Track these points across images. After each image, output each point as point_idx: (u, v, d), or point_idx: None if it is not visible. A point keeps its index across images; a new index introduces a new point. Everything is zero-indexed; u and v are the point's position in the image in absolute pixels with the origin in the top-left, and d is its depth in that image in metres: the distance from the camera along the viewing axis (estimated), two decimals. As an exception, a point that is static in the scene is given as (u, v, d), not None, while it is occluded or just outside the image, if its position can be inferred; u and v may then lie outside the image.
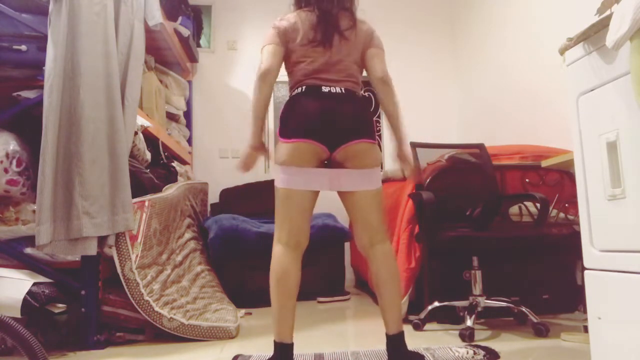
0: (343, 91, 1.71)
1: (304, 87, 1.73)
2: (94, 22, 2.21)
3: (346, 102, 1.70)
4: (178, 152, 3.72)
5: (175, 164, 3.48)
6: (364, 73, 1.84)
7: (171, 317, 2.19)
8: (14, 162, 2.13)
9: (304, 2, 1.85)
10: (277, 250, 1.69)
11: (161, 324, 2.17)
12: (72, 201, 2.08)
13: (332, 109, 1.67)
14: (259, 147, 1.75)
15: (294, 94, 1.75)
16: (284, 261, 1.66)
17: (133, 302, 2.14)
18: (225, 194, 4.19)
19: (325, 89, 1.70)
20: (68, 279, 2.17)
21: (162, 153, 3.25)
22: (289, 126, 1.69)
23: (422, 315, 2.37)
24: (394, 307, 1.69)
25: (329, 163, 1.74)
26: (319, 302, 3.44)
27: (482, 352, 1.84)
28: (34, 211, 2.12)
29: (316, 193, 1.73)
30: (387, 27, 4.83)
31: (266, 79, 1.71)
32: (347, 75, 1.75)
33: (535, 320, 2.21)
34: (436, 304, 2.38)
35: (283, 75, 1.79)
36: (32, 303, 1.95)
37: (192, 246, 3.04)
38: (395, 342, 1.66)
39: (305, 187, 1.68)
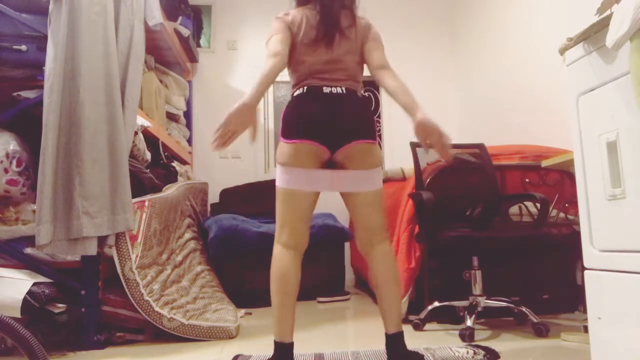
0: (344, 91, 1.71)
1: (305, 88, 1.73)
2: (94, 22, 2.21)
3: (347, 102, 1.70)
4: (178, 152, 3.72)
5: (175, 164, 3.48)
6: (365, 72, 1.84)
7: (171, 317, 2.19)
8: (14, 162, 2.13)
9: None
10: (278, 250, 1.69)
11: (161, 324, 2.17)
12: (72, 201, 2.08)
13: (333, 110, 1.67)
14: (252, 108, 1.58)
15: (295, 94, 1.76)
16: (284, 261, 1.66)
17: (133, 302, 2.14)
18: (225, 194, 4.19)
19: (326, 90, 1.70)
20: (68, 279, 2.17)
21: (162, 153, 3.25)
22: (291, 127, 1.69)
23: (422, 315, 2.37)
24: (394, 307, 1.68)
25: (330, 164, 1.74)
26: (319, 302, 3.44)
27: (482, 352, 1.84)
28: (34, 211, 2.12)
29: (317, 194, 1.74)
30: (387, 27, 4.83)
31: (275, 57, 1.72)
32: (348, 75, 1.76)
33: (535, 320, 2.21)
34: (436, 304, 2.37)
35: (283, 75, 1.79)
36: (32, 303, 1.95)
37: (192, 246, 3.04)
38: (394, 342, 1.66)
39: (307, 187, 1.68)
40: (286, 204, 1.70)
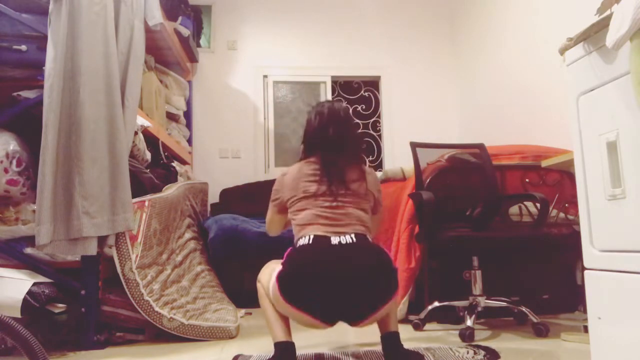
0: (354, 239, 1.58)
1: (311, 237, 1.60)
2: (94, 22, 2.21)
3: (359, 257, 1.57)
4: (178, 152, 3.72)
5: (175, 164, 3.48)
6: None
7: (171, 317, 2.19)
8: (14, 162, 2.13)
9: (310, 151, 1.80)
10: (260, 287, 1.73)
11: (161, 324, 2.17)
12: (72, 201, 2.08)
13: (343, 269, 1.52)
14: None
15: (299, 244, 1.64)
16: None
17: (133, 302, 2.14)
18: (225, 194, 4.19)
19: (334, 240, 1.57)
20: (68, 279, 2.16)
21: (162, 153, 3.25)
22: (292, 289, 1.53)
23: (422, 315, 2.37)
24: (390, 310, 1.69)
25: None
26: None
27: (482, 352, 1.84)
28: (34, 211, 2.12)
29: None
30: (387, 27, 4.84)
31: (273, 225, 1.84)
32: (356, 219, 1.66)
33: (535, 320, 2.21)
34: (436, 304, 2.37)
35: (283, 75, 1.78)
36: (32, 303, 1.95)
37: (192, 246, 3.04)
38: (391, 341, 1.65)
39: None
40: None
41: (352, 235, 1.59)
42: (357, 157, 1.82)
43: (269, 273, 1.66)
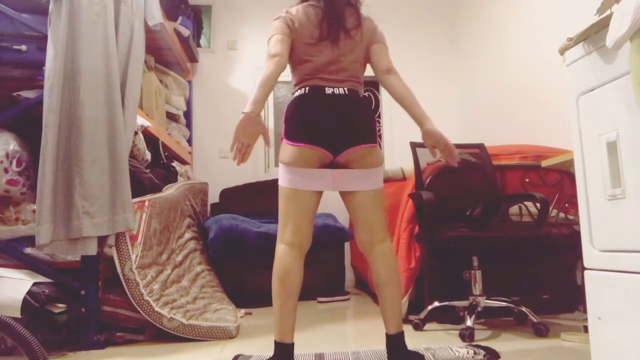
0: (346, 92, 1.72)
1: (307, 88, 1.73)
2: (94, 22, 2.21)
3: (349, 105, 1.71)
4: (178, 152, 3.72)
5: (175, 164, 3.48)
6: (365, 72, 1.84)
7: (171, 317, 2.19)
8: (14, 162, 2.13)
9: None
10: (280, 249, 1.69)
11: (161, 324, 2.17)
12: (72, 201, 2.08)
13: (335, 114, 1.69)
14: (256, 116, 1.58)
15: (297, 94, 1.76)
16: (287, 260, 1.66)
17: (133, 302, 2.14)
18: (225, 194, 4.19)
19: (328, 91, 1.71)
20: (68, 279, 2.17)
21: (162, 153, 3.25)
22: (294, 130, 1.70)
23: (422, 315, 2.37)
24: (395, 307, 1.68)
25: (332, 164, 1.75)
26: (319, 302, 3.44)
27: (483, 352, 1.84)
28: (34, 211, 2.12)
29: (320, 194, 1.74)
30: (387, 27, 4.80)
31: (274, 59, 1.68)
32: (350, 75, 1.76)
33: (535, 320, 2.21)
34: (436, 304, 2.37)
35: (283, 75, 1.78)
36: (32, 303, 1.95)
37: (192, 246, 3.04)
38: (395, 342, 1.66)
39: (310, 187, 1.69)
40: (289, 203, 1.70)
41: (345, 89, 1.73)
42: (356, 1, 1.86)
43: (281, 209, 1.75)
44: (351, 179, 1.72)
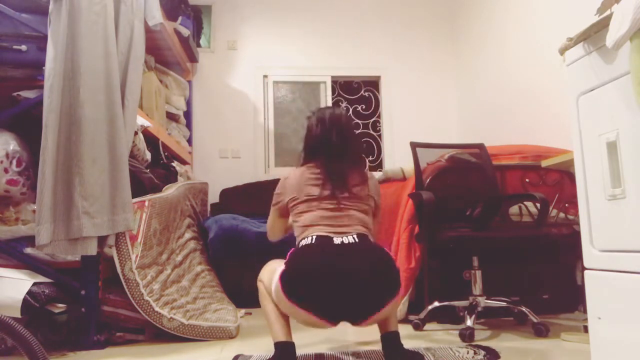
0: (356, 239, 1.60)
1: (314, 237, 1.61)
2: (94, 22, 2.21)
3: (362, 256, 1.57)
4: (178, 152, 3.72)
5: (175, 164, 3.48)
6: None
7: (171, 317, 2.19)
8: (14, 162, 2.13)
9: (312, 156, 1.80)
10: (261, 286, 1.73)
11: (161, 324, 2.17)
12: (72, 201, 2.08)
13: (346, 268, 1.52)
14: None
15: (302, 244, 1.65)
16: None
17: (133, 302, 2.14)
18: (225, 194, 4.19)
19: (337, 240, 1.58)
20: (68, 279, 2.16)
21: (162, 153, 3.25)
22: (295, 288, 1.53)
23: (422, 315, 2.37)
24: (390, 309, 1.69)
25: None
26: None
27: (483, 352, 1.84)
28: (34, 211, 2.12)
29: None
30: (387, 27, 4.84)
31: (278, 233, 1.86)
32: (358, 220, 1.68)
33: (535, 320, 2.21)
34: (436, 304, 2.37)
35: (283, 75, 1.78)
36: (32, 303, 1.95)
37: (192, 246, 3.04)
38: (391, 340, 1.65)
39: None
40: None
41: (354, 235, 1.61)
42: (359, 161, 1.84)
43: (271, 272, 1.67)
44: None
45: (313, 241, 1.60)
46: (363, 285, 1.51)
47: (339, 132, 1.78)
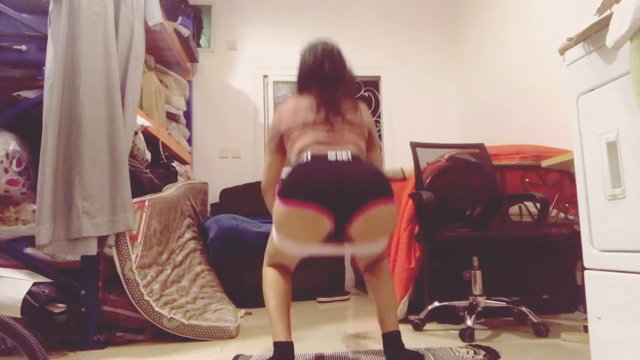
0: (350, 157, 1.61)
1: (309, 155, 1.62)
2: (94, 22, 2.21)
3: (355, 165, 1.59)
4: (178, 152, 3.72)
5: (175, 164, 3.48)
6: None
7: (171, 317, 2.19)
8: (14, 162, 2.13)
9: (305, 87, 1.83)
10: (266, 269, 1.77)
11: (161, 324, 2.17)
12: (72, 201, 2.08)
13: (340, 172, 1.55)
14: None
15: (297, 163, 1.66)
16: (274, 275, 1.74)
17: (133, 302, 2.14)
18: (225, 194, 4.19)
19: (331, 157, 1.59)
20: (68, 279, 2.16)
21: (162, 153, 3.25)
22: (290, 183, 1.55)
23: (422, 315, 2.37)
24: (389, 307, 1.70)
25: (334, 234, 1.59)
26: (319, 302, 3.44)
27: (483, 352, 1.84)
28: (34, 211, 2.12)
29: None
30: (387, 28, 4.84)
31: (266, 193, 1.84)
32: (353, 143, 1.71)
33: (535, 320, 2.21)
34: (436, 304, 2.37)
35: (283, 75, 1.79)
36: (32, 303, 1.95)
37: (192, 246, 3.04)
38: (392, 340, 1.66)
39: (302, 254, 1.70)
40: (277, 251, 1.72)
41: (349, 153, 1.61)
42: (352, 90, 1.86)
43: (269, 242, 1.75)
44: (357, 249, 1.68)
45: (308, 159, 1.61)
46: (356, 180, 1.53)
47: (330, 62, 1.82)
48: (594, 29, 1.33)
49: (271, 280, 1.73)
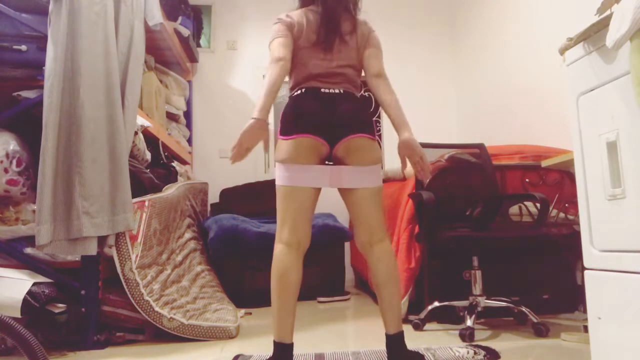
0: (342, 92, 1.75)
1: (303, 89, 1.75)
2: (94, 22, 2.21)
3: (345, 101, 1.73)
4: (178, 152, 3.72)
5: (175, 164, 3.48)
6: (363, 73, 1.85)
7: (171, 317, 2.19)
8: (14, 162, 2.13)
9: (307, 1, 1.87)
10: (279, 249, 1.68)
11: (161, 324, 2.17)
12: (72, 201, 2.08)
13: (331, 107, 1.71)
14: (263, 124, 1.64)
15: (293, 95, 1.78)
16: (285, 261, 1.65)
17: (133, 302, 2.14)
18: (225, 194, 4.19)
19: (324, 90, 1.74)
20: (68, 279, 2.17)
21: (162, 153, 3.25)
22: (289, 123, 1.71)
23: (422, 315, 2.37)
24: (394, 307, 1.68)
25: (330, 160, 1.76)
26: (319, 302, 3.44)
27: (483, 352, 1.84)
28: (34, 211, 2.12)
29: (317, 191, 1.74)
30: (386, 27, 4.84)
31: (279, 63, 1.71)
32: (346, 79, 1.79)
33: (535, 320, 2.21)
34: (436, 304, 2.38)
35: (283, 75, 1.79)
36: (32, 303, 1.95)
37: (192, 246, 3.04)
38: (395, 342, 1.66)
39: (307, 184, 1.69)
40: (287, 201, 1.70)
41: (341, 89, 1.75)
42: (355, 3, 1.88)
43: (279, 209, 1.76)
44: (349, 175, 1.72)
45: (303, 92, 1.75)
46: (343, 117, 1.71)
47: None
48: (594, 29, 1.33)
49: (280, 270, 1.64)
